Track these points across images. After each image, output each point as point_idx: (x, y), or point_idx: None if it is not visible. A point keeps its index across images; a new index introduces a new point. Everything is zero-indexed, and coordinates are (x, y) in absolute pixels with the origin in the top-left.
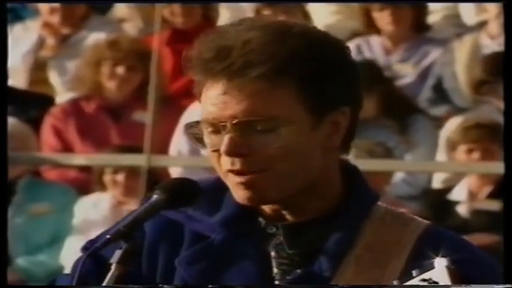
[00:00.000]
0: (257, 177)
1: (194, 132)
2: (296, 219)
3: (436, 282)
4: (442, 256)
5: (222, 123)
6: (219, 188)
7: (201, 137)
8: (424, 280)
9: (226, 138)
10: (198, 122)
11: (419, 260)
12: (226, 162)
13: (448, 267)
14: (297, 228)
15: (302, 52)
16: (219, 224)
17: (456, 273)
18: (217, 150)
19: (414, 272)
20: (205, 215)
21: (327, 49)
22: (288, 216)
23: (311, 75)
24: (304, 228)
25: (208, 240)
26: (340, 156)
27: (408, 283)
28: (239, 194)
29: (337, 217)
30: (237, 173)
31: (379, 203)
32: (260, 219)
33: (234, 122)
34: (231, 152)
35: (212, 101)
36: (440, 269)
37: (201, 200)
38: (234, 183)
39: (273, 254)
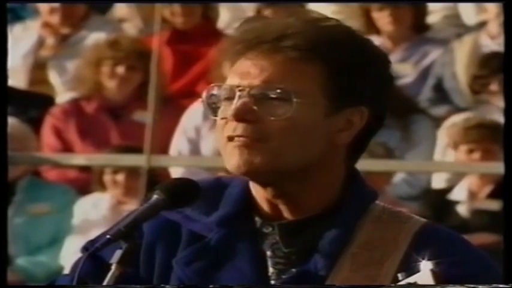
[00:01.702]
0: (254, 146)
1: (212, 101)
2: (292, 218)
3: (422, 286)
4: (438, 254)
5: (239, 89)
6: (217, 188)
7: (218, 106)
8: (409, 284)
9: (238, 102)
10: (219, 88)
11: (415, 258)
12: (229, 128)
13: (432, 271)
14: (293, 227)
15: (338, 40)
16: (216, 224)
17: (441, 276)
18: (225, 118)
19: (400, 276)
20: (202, 215)
21: (364, 48)
22: (285, 215)
23: (341, 64)
24: (301, 227)
25: (205, 240)
26: (346, 161)
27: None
28: (232, 161)
29: (334, 215)
30: (236, 139)
31: (377, 201)
32: (256, 218)
33: (251, 87)
34: (239, 116)
35: (238, 70)
36: (425, 272)
37: (199, 200)
38: (230, 150)
39: (269, 253)
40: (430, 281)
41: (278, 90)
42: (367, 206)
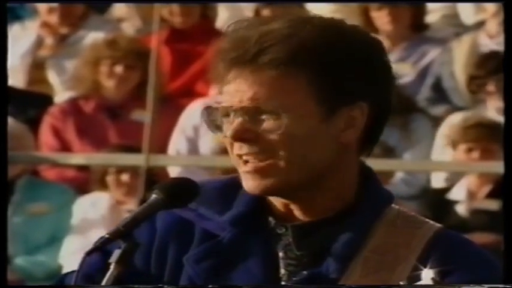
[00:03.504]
0: (264, 166)
1: (213, 119)
2: (307, 219)
3: None
4: (449, 261)
5: (232, 109)
6: (231, 187)
7: (219, 124)
8: (413, 284)
9: (234, 123)
10: (216, 108)
11: (428, 264)
12: (236, 147)
13: (434, 279)
14: (306, 229)
15: (318, 44)
16: (229, 223)
17: (442, 285)
18: (227, 137)
19: (402, 283)
20: (216, 213)
21: (348, 43)
22: (299, 216)
23: (325, 67)
24: (314, 229)
25: (217, 239)
26: (359, 157)
27: None
28: (247, 184)
29: (348, 218)
30: (245, 158)
31: (393, 205)
32: (270, 218)
33: (241, 107)
34: (237, 137)
35: (226, 89)
36: (426, 281)
37: (213, 198)
38: (243, 172)
39: (281, 254)
40: None
41: (267, 108)
42: (383, 209)
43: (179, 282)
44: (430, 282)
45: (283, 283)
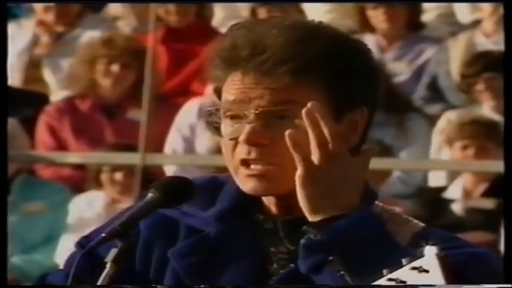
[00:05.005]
0: (270, 169)
1: (213, 121)
2: (295, 214)
3: (427, 270)
4: (445, 245)
5: (244, 112)
6: (214, 185)
7: (219, 126)
8: (414, 268)
9: (247, 127)
10: (217, 110)
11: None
12: (242, 152)
13: (438, 255)
14: (297, 223)
15: (327, 52)
16: (214, 218)
17: (446, 260)
18: (234, 139)
19: (404, 261)
20: (199, 210)
21: (350, 50)
22: (288, 211)
23: (334, 74)
24: (303, 224)
25: (203, 234)
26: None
27: (399, 271)
28: (249, 185)
29: None
30: (252, 163)
31: (376, 202)
32: (257, 213)
33: (257, 111)
34: (251, 141)
35: (237, 92)
36: (430, 256)
37: (196, 196)
38: (244, 175)
39: (272, 249)
40: (436, 265)
41: (286, 112)
42: (369, 207)
43: (164, 278)
44: (435, 258)
45: (274, 278)
